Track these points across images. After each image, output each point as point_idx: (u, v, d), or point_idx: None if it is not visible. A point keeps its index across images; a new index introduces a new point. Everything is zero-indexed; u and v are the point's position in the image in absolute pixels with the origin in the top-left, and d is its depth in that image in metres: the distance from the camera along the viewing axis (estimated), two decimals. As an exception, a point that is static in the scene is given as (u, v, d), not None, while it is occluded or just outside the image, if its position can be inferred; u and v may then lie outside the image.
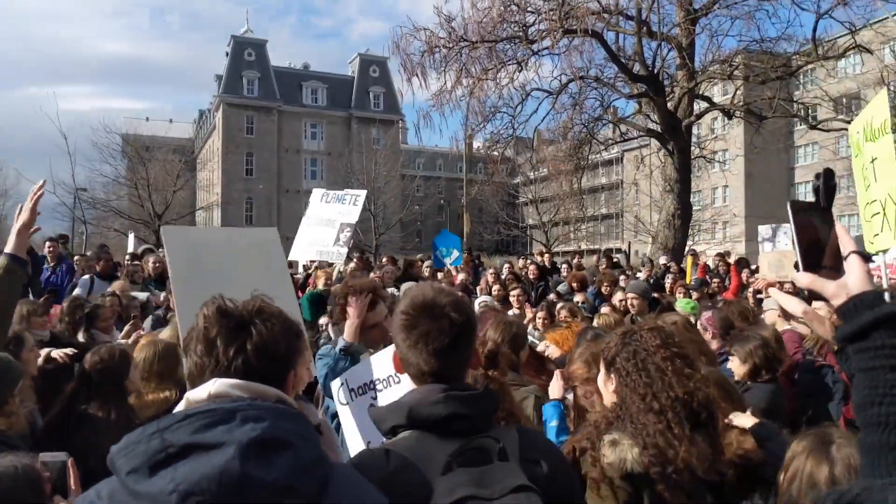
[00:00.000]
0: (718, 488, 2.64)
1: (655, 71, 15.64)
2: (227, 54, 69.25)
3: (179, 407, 1.58)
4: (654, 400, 2.70)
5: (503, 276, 11.41)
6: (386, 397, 3.17)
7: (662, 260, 16.13)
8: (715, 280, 12.51)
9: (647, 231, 45.33)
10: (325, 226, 10.14)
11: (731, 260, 14.46)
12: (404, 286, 10.08)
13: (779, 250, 11.58)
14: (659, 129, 17.13)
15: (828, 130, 17.85)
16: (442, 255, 13.09)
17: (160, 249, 11.75)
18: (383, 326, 3.83)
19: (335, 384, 3.50)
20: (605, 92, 17.80)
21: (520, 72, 15.04)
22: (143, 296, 8.54)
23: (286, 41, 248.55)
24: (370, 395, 3.30)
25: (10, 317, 3.37)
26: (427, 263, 12.73)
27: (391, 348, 3.17)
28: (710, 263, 15.11)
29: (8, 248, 3.17)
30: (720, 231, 49.84)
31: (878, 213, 4.20)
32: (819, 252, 1.72)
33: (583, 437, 2.82)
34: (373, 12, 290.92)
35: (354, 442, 3.28)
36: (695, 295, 9.95)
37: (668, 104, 16.11)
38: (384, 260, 15.62)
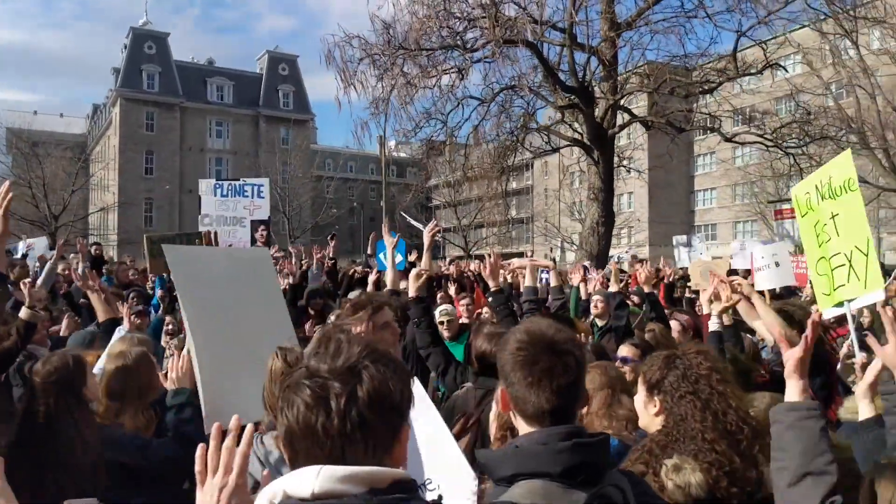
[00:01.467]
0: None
1: (586, 83, 16.08)
2: (126, 46, 66.03)
3: (277, 493, 1.38)
4: (716, 421, 2.75)
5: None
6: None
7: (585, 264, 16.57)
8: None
9: (556, 235, 46.62)
10: (234, 224, 9.22)
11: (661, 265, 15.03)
12: (352, 294, 9.94)
13: (711, 259, 12.21)
14: (582, 139, 17.67)
15: (742, 143, 18.87)
16: (385, 257, 12.90)
17: (72, 256, 10.90)
18: (393, 325, 3.75)
19: None
20: (530, 100, 18.18)
21: (461, 80, 15.14)
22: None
23: (189, 34, 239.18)
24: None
25: None
26: (359, 269, 12.56)
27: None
28: (625, 267, 15.70)
29: None
30: (625, 236, 51.81)
31: (843, 265, 4.55)
32: None
33: (637, 461, 2.84)
34: (280, 7, 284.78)
35: None
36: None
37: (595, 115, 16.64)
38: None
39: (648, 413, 2.98)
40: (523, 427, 2.00)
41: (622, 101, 17.40)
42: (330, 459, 1.38)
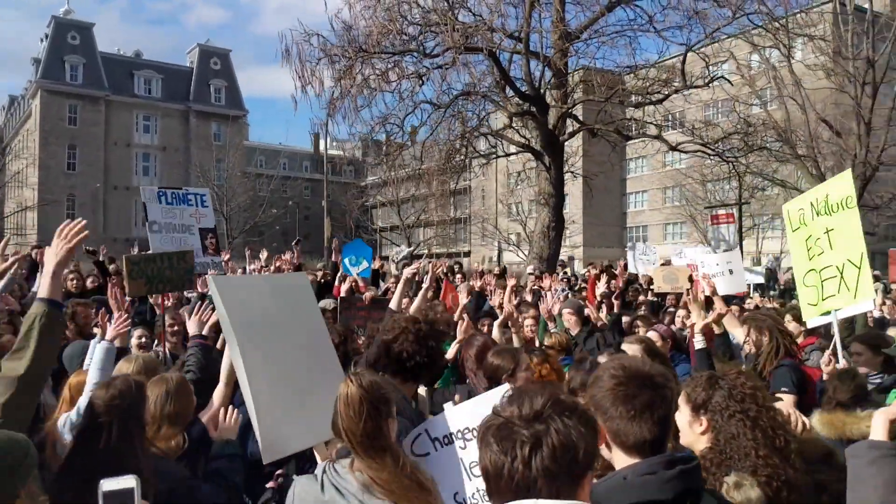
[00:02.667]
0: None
1: (541, 91, 16.40)
2: (47, 36, 63.12)
3: None
4: (765, 437, 2.93)
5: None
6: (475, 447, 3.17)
7: (529, 268, 16.91)
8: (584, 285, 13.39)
9: (494, 236, 47.17)
10: (183, 232, 9.15)
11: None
12: (323, 302, 9.86)
13: (675, 266, 12.64)
14: (533, 145, 18.02)
15: (686, 152, 19.60)
16: (351, 262, 12.84)
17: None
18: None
19: (409, 436, 3.43)
20: (481, 104, 18.41)
21: (421, 85, 15.22)
22: None
23: (115, 25, 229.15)
24: (458, 446, 3.26)
25: (50, 370, 3.01)
26: (320, 274, 12.45)
27: (471, 403, 3.26)
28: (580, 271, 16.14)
29: (42, 293, 2.84)
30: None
31: (834, 276, 4.89)
32: None
33: (691, 480, 3.00)
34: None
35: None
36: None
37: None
38: (271, 269, 15.13)
39: (694, 432, 3.12)
40: (622, 458, 2.14)
41: (571, 109, 17.86)
42: (517, 497, 1.53)
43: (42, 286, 2.89)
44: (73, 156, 62.54)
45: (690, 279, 11.17)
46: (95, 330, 6.20)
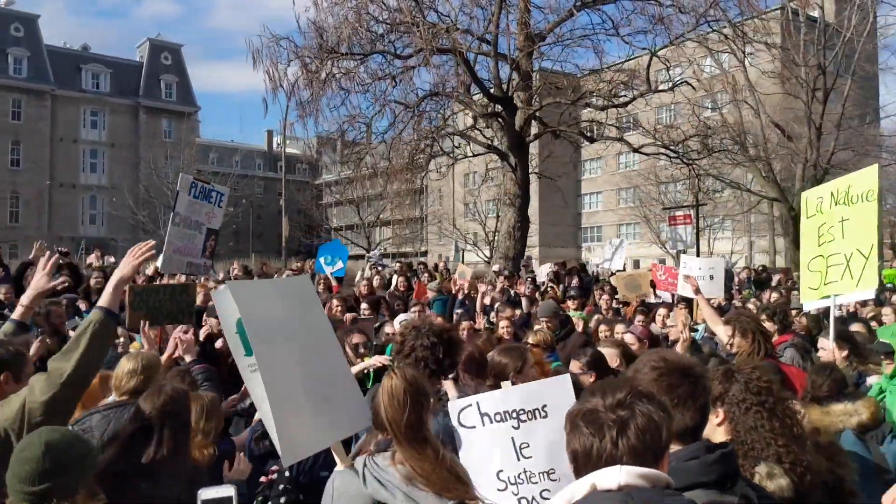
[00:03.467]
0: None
1: (510, 94, 16.58)
2: (-12, 28, 60.79)
3: (581, 490, 1.69)
4: (783, 427, 3.08)
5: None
6: (531, 430, 3.24)
7: (495, 267, 17.09)
8: (551, 286, 13.60)
9: (451, 235, 47.30)
10: (195, 230, 8.71)
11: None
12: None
13: (636, 272, 12.95)
14: (496, 145, 18.24)
15: (648, 154, 20.04)
16: (326, 261, 12.83)
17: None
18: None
19: (458, 403, 3.52)
20: (446, 105, 18.51)
21: (395, 86, 15.21)
22: None
23: (61, 17, 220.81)
24: (510, 425, 3.31)
25: (94, 374, 3.03)
26: (286, 274, 12.42)
27: (542, 383, 3.35)
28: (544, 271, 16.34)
29: (102, 302, 3.02)
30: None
31: (841, 264, 5.08)
32: None
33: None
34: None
35: (481, 468, 3.22)
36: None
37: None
38: (236, 270, 15.00)
39: (711, 423, 3.26)
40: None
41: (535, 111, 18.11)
42: None
43: (103, 296, 3.05)
44: (17, 152, 60.36)
45: (653, 284, 11.48)
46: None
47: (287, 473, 4.09)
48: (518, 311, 8.92)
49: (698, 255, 20.77)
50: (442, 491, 2.47)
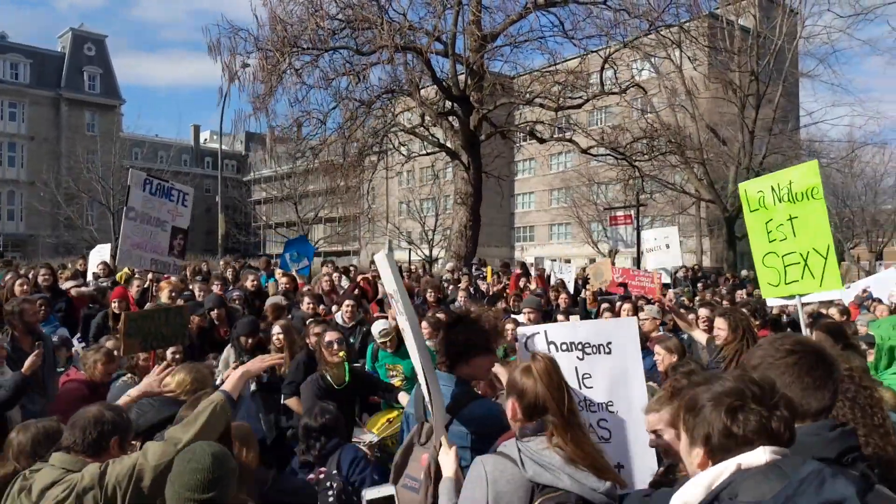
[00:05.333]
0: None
1: (468, 93, 16.75)
2: None
3: (729, 469, 1.81)
4: (864, 416, 3.02)
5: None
6: (595, 363, 3.48)
7: (448, 266, 17.27)
8: (498, 286, 13.87)
9: (389, 234, 47.23)
10: (156, 226, 8.70)
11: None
12: (275, 298, 9.60)
13: (598, 262, 13.35)
14: (449, 145, 18.41)
15: (596, 156, 20.60)
16: (291, 258, 12.68)
17: None
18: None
19: (526, 329, 3.69)
20: (393, 103, 18.58)
21: (357, 83, 15.13)
22: None
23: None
24: (575, 355, 3.51)
25: None
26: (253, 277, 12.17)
27: (610, 322, 3.48)
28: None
29: (226, 387, 3.39)
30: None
31: (798, 263, 5.19)
32: None
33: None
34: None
35: None
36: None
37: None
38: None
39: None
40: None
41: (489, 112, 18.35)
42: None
43: (227, 382, 3.46)
44: (-73, 144, 56.93)
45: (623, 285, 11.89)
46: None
47: (335, 472, 4.17)
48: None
49: (638, 254, 21.46)
50: (599, 474, 2.50)
